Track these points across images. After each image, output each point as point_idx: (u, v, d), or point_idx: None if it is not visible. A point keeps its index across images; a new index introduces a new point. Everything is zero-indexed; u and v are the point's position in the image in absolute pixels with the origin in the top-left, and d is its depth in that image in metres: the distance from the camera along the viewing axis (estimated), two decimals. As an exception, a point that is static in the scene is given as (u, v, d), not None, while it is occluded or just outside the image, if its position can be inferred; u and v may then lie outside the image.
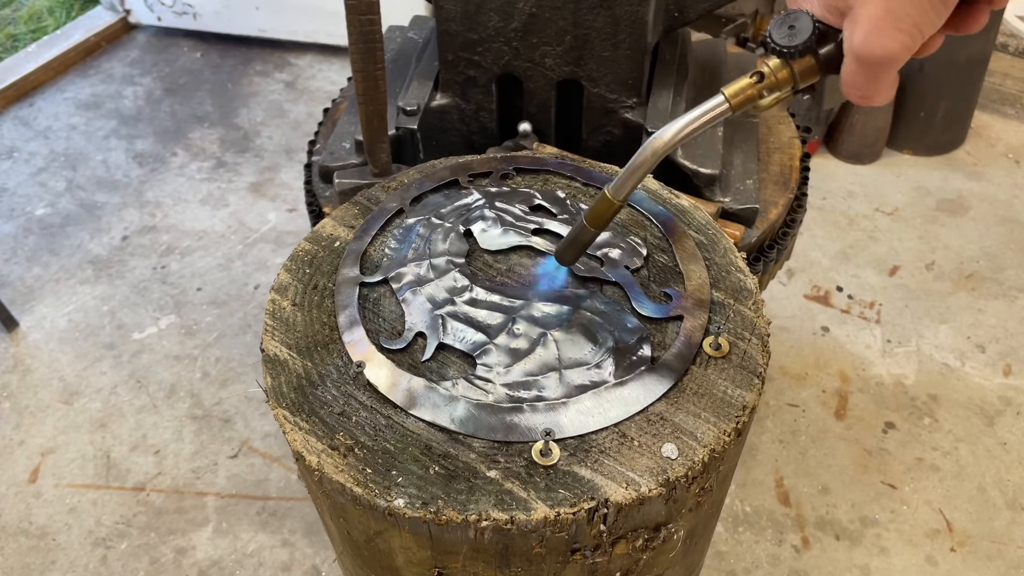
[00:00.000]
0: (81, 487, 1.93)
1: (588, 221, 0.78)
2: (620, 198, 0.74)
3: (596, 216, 0.77)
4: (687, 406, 0.78)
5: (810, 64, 0.64)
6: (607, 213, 0.77)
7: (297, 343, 0.85)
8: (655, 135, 0.69)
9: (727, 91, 0.67)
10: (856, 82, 0.62)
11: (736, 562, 1.77)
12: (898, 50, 0.58)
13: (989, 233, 2.57)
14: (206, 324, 2.30)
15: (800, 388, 2.12)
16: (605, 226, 0.78)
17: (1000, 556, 1.78)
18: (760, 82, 0.66)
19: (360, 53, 1.13)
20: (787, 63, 0.65)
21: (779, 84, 0.66)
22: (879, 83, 0.61)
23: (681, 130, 0.68)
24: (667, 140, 0.68)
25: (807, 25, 0.62)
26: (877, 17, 0.58)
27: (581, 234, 0.80)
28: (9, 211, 2.70)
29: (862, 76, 0.61)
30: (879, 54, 0.58)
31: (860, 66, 0.60)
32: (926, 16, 0.58)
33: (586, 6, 1.24)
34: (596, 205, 0.77)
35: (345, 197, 1.27)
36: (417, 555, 0.77)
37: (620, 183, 0.74)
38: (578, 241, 0.80)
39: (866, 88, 0.62)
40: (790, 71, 0.65)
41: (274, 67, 3.37)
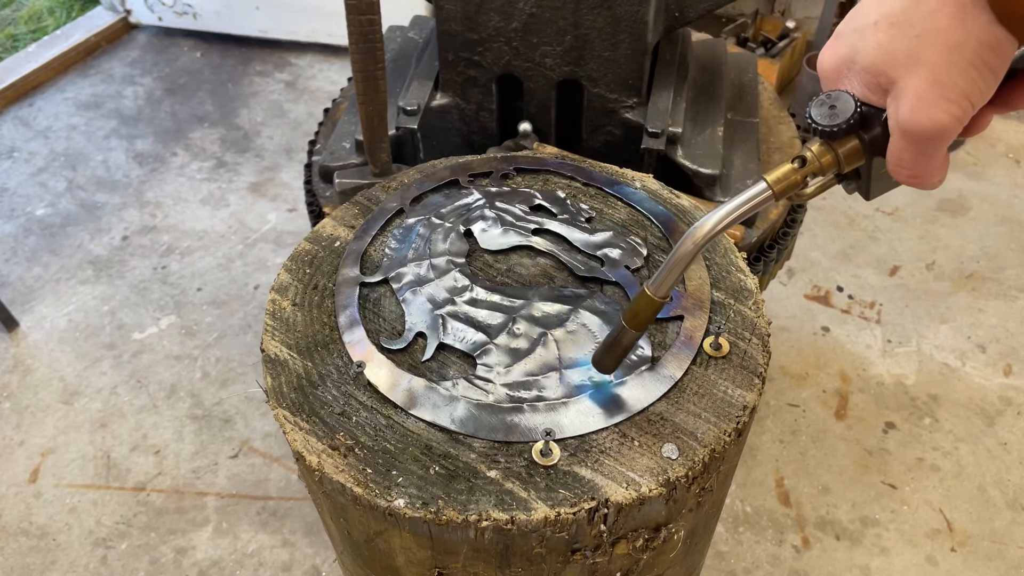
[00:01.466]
0: (81, 487, 1.93)
1: (627, 322, 0.71)
2: (661, 295, 0.68)
3: (635, 316, 0.70)
4: (687, 406, 0.78)
5: (854, 146, 0.61)
6: (648, 312, 0.70)
7: (297, 343, 0.85)
8: (695, 225, 0.64)
9: (769, 178, 0.63)
10: (904, 160, 0.58)
11: (736, 562, 1.77)
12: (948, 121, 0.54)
13: (989, 233, 2.57)
14: (206, 324, 2.30)
15: (800, 388, 2.12)
16: (646, 327, 0.71)
17: (1000, 556, 1.77)
18: (803, 167, 0.62)
19: (360, 53, 1.13)
20: (830, 146, 0.61)
21: (823, 168, 0.62)
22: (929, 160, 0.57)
23: (722, 220, 0.64)
24: (707, 231, 0.64)
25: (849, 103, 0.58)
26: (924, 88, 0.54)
27: (621, 336, 0.72)
28: (9, 211, 2.70)
29: (910, 153, 0.57)
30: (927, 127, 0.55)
31: (908, 142, 0.56)
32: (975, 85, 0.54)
33: (586, 6, 1.24)
34: (635, 304, 0.70)
35: (345, 197, 1.27)
36: (417, 555, 0.77)
37: (660, 280, 0.67)
38: (618, 345, 0.73)
39: (915, 166, 0.58)
40: (834, 154, 0.61)
41: (274, 67, 3.37)
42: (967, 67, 0.53)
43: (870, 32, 0.57)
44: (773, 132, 1.49)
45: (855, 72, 0.59)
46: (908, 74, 0.55)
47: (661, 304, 0.69)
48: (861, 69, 0.58)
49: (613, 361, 0.75)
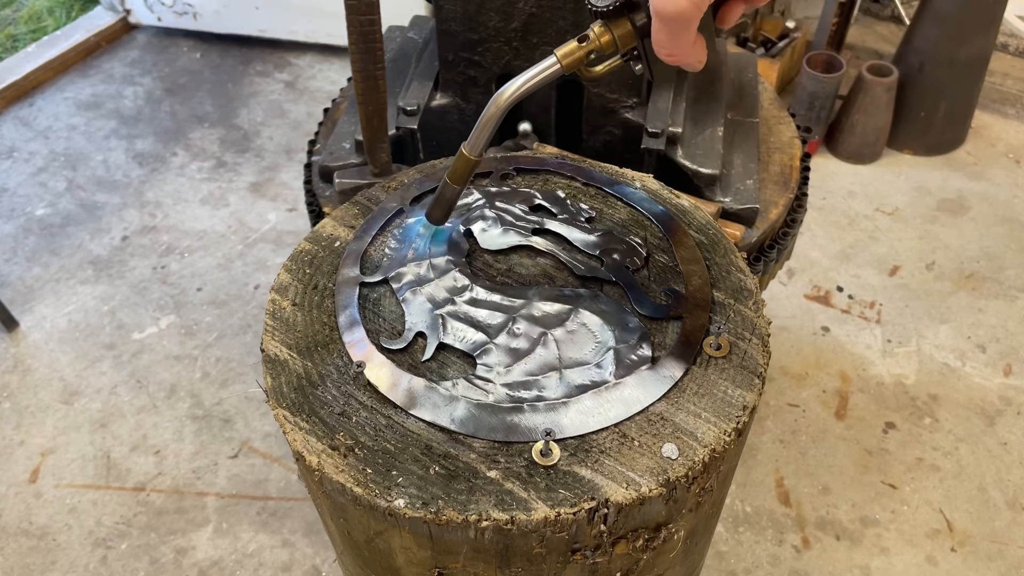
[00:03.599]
0: (81, 487, 1.93)
1: (449, 178, 0.83)
2: (476, 154, 0.80)
3: (455, 172, 0.83)
4: (687, 406, 0.78)
5: (627, 29, 0.71)
6: (465, 168, 0.82)
7: (297, 343, 0.85)
8: (499, 91, 0.76)
9: (558, 52, 0.73)
10: (660, 40, 0.67)
11: (736, 562, 1.77)
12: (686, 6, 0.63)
13: (989, 233, 2.57)
14: (206, 324, 2.30)
15: (800, 388, 2.12)
16: (465, 182, 0.84)
17: (1000, 556, 1.77)
18: (583, 43, 0.72)
19: (360, 53, 1.13)
20: (608, 27, 0.71)
21: (603, 47, 0.72)
22: (680, 40, 0.67)
23: (521, 86, 0.75)
24: (508, 95, 0.75)
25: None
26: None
27: (444, 190, 0.85)
28: (9, 211, 2.70)
29: (665, 34, 0.66)
30: (672, 11, 0.64)
31: (661, 24, 0.66)
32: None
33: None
34: (455, 162, 0.82)
35: (345, 197, 1.27)
36: (417, 555, 0.77)
37: (473, 140, 0.79)
38: (443, 197, 0.86)
39: (670, 46, 0.67)
40: (611, 35, 0.71)
41: (274, 67, 3.37)
42: None
43: None
44: (773, 132, 1.49)
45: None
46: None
47: (476, 163, 0.81)
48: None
49: (440, 212, 0.88)
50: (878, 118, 2.75)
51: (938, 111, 2.78)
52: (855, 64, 3.11)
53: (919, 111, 2.79)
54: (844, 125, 2.81)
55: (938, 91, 2.75)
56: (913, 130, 2.85)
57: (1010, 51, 3.20)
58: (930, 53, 2.69)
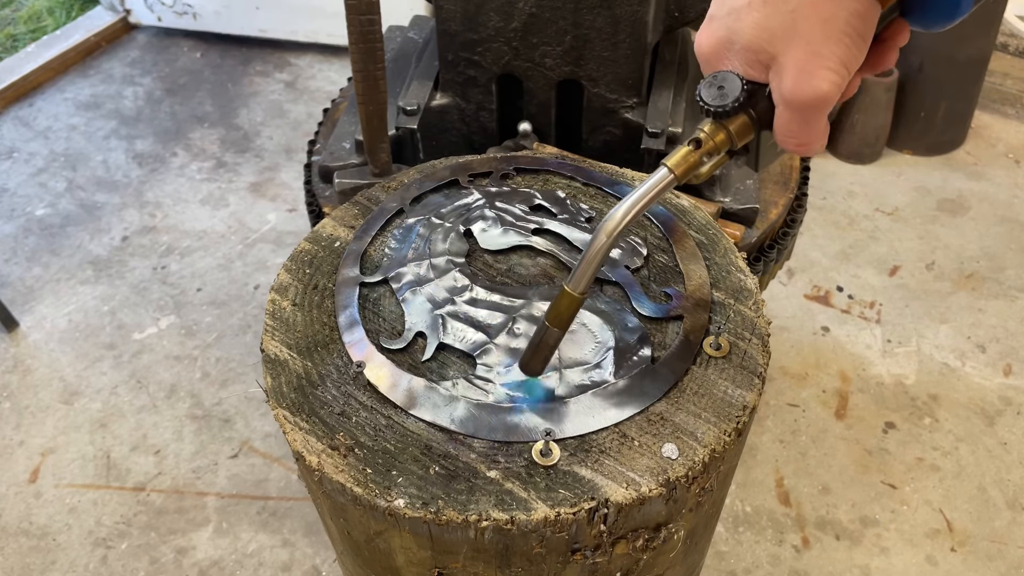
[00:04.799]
0: (81, 487, 1.93)
1: (551, 321, 0.72)
2: (580, 291, 0.70)
3: (559, 314, 0.72)
4: (687, 406, 0.78)
5: (744, 122, 0.64)
6: (569, 310, 0.71)
7: (297, 343, 0.85)
8: (606, 218, 0.67)
9: (669, 163, 0.66)
10: (791, 130, 0.62)
11: (736, 562, 1.77)
12: (828, 89, 0.58)
13: (989, 233, 2.57)
14: (206, 324, 2.30)
15: (800, 388, 2.12)
16: (568, 324, 0.73)
17: (1000, 556, 1.77)
18: (698, 148, 0.65)
19: (360, 53, 1.13)
20: (722, 125, 0.65)
21: (717, 147, 0.66)
22: (813, 127, 0.61)
23: (630, 209, 0.67)
24: (618, 221, 0.67)
25: (735, 82, 0.62)
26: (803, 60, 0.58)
27: (547, 337, 0.74)
28: (9, 211, 2.70)
29: (796, 123, 0.61)
30: (811, 96, 0.58)
31: (794, 112, 0.60)
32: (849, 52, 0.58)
33: (586, 6, 1.24)
34: (557, 303, 0.72)
35: (345, 197, 1.27)
36: (417, 555, 0.77)
37: (578, 276, 0.70)
38: (544, 345, 0.75)
39: (801, 135, 0.62)
40: (726, 132, 0.65)
41: (274, 67, 3.37)
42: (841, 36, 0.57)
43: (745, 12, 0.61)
44: (773, 132, 1.50)
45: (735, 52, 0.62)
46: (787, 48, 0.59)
47: (581, 300, 0.71)
48: (741, 48, 0.62)
49: (540, 363, 0.76)
50: (878, 118, 2.75)
51: (938, 111, 2.78)
52: (855, 64, 3.11)
53: (919, 111, 2.79)
54: (844, 125, 2.81)
55: (938, 91, 2.75)
56: (913, 130, 2.85)
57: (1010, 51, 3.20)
58: (930, 53, 2.69)
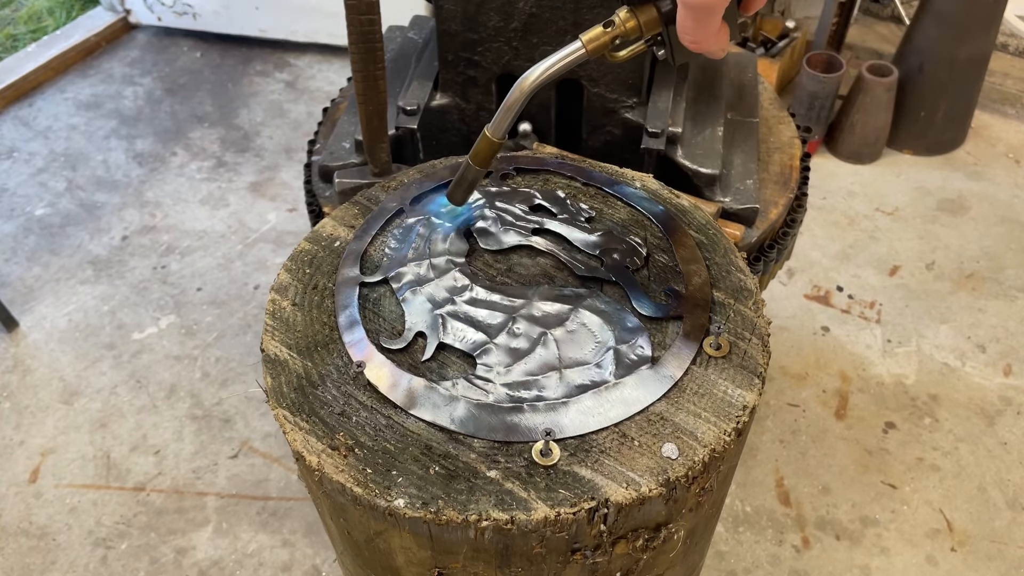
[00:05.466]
0: (81, 487, 1.93)
1: (472, 159, 0.84)
2: (498, 137, 0.80)
3: (477, 154, 0.83)
4: (687, 406, 0.78)
5: (653, 15, 0.72)
6: (487, 150, 0.82)
7: (297, 343, 0.85)
8: (523, 75, 0.75)
9: (583, 37, 0.74)
10: (686, 27, 0.69)
11: (736, 562, 1.77)
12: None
13: (989, 233, 2.57)
14: (206, 324, 2.30)
15: (800, 388, 2.12)
16: (487, 164, 0.84)
17: (1000, 556, 1.77)
18: (608, 28, 0.73)
19: (360, 53, 1.13)
20: (634, 14, 0.72)
21: (628, 33, 0.73)
22: (705, 28, 0.68)
23: (545, 71, 0.75)
24: (533, 79, 0.75)
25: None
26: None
27: (466, 172, 0.85)
28: (9, 211, 2.70)
29: (690, 21, 0.68)
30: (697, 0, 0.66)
31: (687, 11, 0.67)
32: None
33: (586, 6, 1.24)
34: (477, 144, 0.82)
35: (345, 197, 1.27)
36: (417, 555, 0.77)
37: (496, 122, 0.80)
38: (464, 179, 0.86)
39: (695, 33, 0.69)
40: (636, 21, 0.72)
41: (274, 67, 3.37)
42: None
43: None
44: (773, 132, 1.49)
45: None
46: None
47: (499, 145, 0.81)
48: None
49: (461, 194, 0.88)
50: (878, 118, 2.75)
51: (938, 111, 2.78)
52: (855, 64, 3.11)
53: (919, 111, 2.79)
54: (844, 125, 2.81)
55: (938, 91, 2.75)
56: (913, 130, 2.85)
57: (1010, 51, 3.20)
58: (930, 53, 2.69)
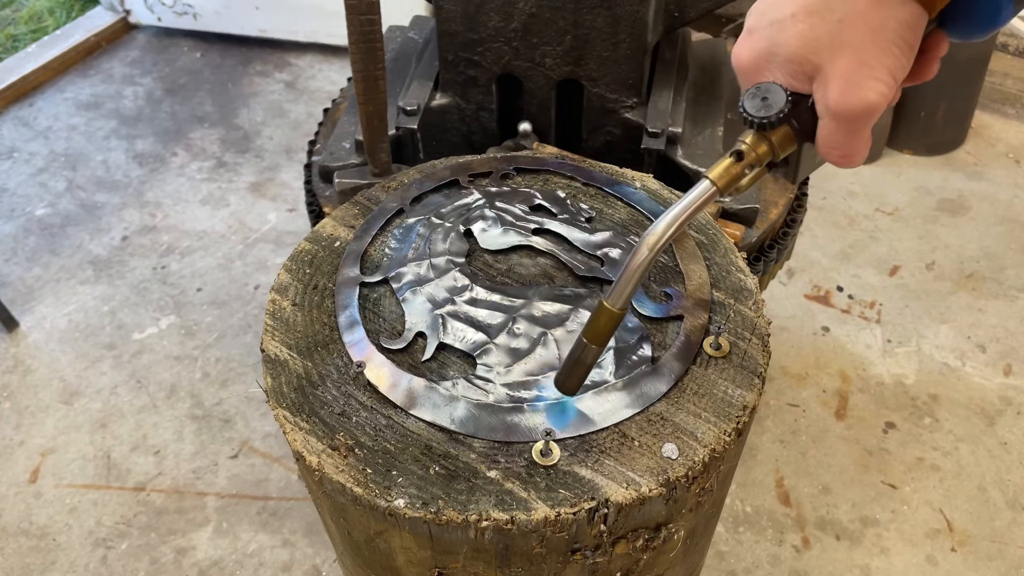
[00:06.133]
0: (81, 487, 1.93)
1: (589, 339, 0.69)
2: (620, 307, 0.67)
3: (597, 332, 0.69)
4: (687, 406, 0.78)
5: (787, 133, 0.63)
6: (609, 326, 0.68)
7: (297, 343, 0.85)
8: (647, 232, 0.65)
9: (711, 175, 0.65)
10: (836, 141, 0.60)
11: (736, 562, 1.77)
12: (877, 99, 0.57)
13: (989, 233, 2.57)
14: (206, 324, 2.30)
15: (800, 388, 2.12)
16: (607, 341, 0.70)
17: (1001, 556, 1.77)
18: (741, 160, 0.64)
19: (360, 53, 1.13)
20: (764, 136, 0.63)
21: (759, 159, 0.64)
22: (858, 138, 0.60)
23: (672, 223, 0.65)
24: (660, 235, 0.65)
25: (780, 94, 0.61)
26: (851, 71, 0.57)
27: (584, 355, 0.70)
28: (9, 211, 2.70)
29: (841, 134, 0.60)
30: (859, 107, 0.57)
31: (839, 124, 0.59)
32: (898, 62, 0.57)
33: (586, 6, 1.24)
34: (595, 319, 0.68)
35: (345, 197, 1.27)
36: (417, 555, 0.77)
37: (618, 291, 0.67)
38: (581, 363, 0.71)
39: (845, 146, 0.60)
40: (768, 144, 0.63)
41: (274, 67, 3.37)
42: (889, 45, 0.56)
43: (789, 23, 0.59)
44: (773, 132, 1.49)
45: (777, 64, 0.61)
46: (834, 59, 0.57)
47: (621, 316, 0.68)
48: (784, 60, 0.60)
49: (577, 381, 0.73)
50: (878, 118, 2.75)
51: (938, 111, 2.78)
52: (855, 64, 3.11)
53: (919, 111, 2.79)
54: (844, 125, 2.81)
55: (938, 91, 2.75)
56: (913, 130, 2.85)
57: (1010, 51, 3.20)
58: (930, 53, 2.69)
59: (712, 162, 1.30)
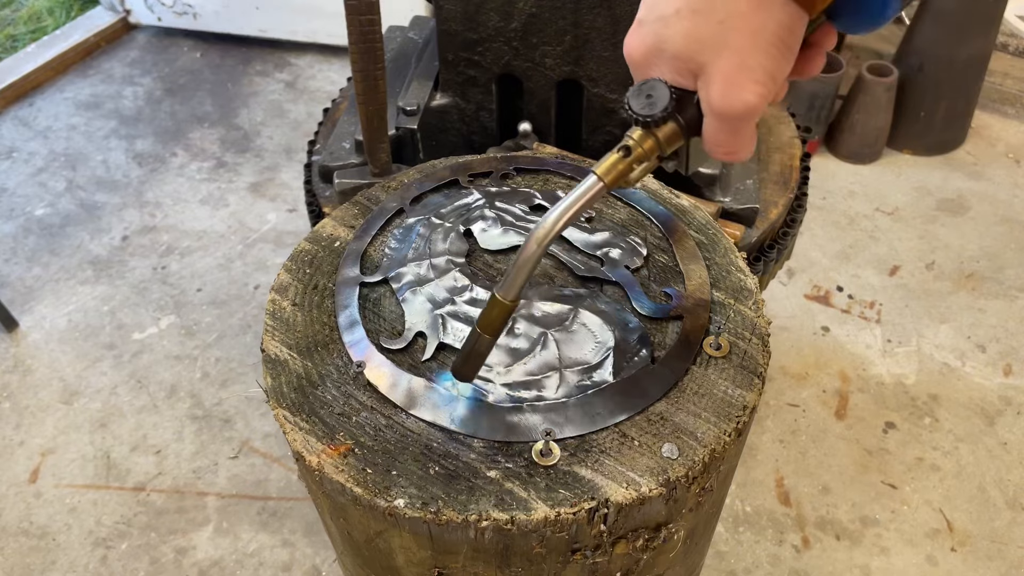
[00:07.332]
0: (81, 487, 1.93)
1: (482, 328, 0.71)
2: (511, 299, 0.69)
3: (490, 322, 0.70)
4: (687, 406, 0.78)
5: (673, 129, 0.63)
6: (501, 317, 0.70)
7: (297, 343, 0.85)
8: (536, 225, 0.66)
9: (598, 170, 0.65)
10: (719, 139, 0.61)
11: (736, 562, 1.77)
12: (756, 102, 0.57)
13: (989, 233, 2.57)
14: (206, 324, 2.30)
15: (800, 388, 2.12)
16: (500, 332, 0.72)
17: (1000, 556, 1.77)
18: (628, 156, 0.64)
19: (360, 53, 1.13)
20: (651, 132, 0.63)
21: (646, 154, 0.64)
22: (741, 136, 0.60)
23: (560, 218, 0.66)
24: (547, 230, 0.66)
25: (663, 92, 0.61)
26: (732, 72, 0.57)
27: (478, 344, 0.72)
28: (9, 211, 2.70)
29: (724, 133, 0.60)
30: (739, 108, 0.58)
31: (722, 123, 0.59)
32: (777, 64, 0.57)
33: (586, 6, 1.24)
34: (488, 310, 0.70)
35: (345, 197, 1.27)
36: (417, 555, 0.77)
37: (508, 283, 0.68)
38: (476, 353, 0.73)
39: (729, 144, 0.61)
40: (655, 139, 0.64)
41: (274, 67, 3.37)
42: (768, 47, 0.56)
43: (674, 20, 0.59)
44: (773, 132, 1.49)
45: (664, 59, 0.61)
46: (716, 59, 0.58)
47: (512, 307, 0.69)
48: (670, 56, 0.60)
49: (472, 369, 0.74)
50: (878, 118, 2.75)
51: (938, 111, 2.78)
52: (855, 64, 3.11)
53: (919, 111, 2.79)
54: (844, 125, 2.81)
55: (938, 91, 2.75)
56: (913, 130, 2.85)
57: (1010, 51, 3.20)
58: (930, 53, 2.69)
59: (712, 162, 1.30)
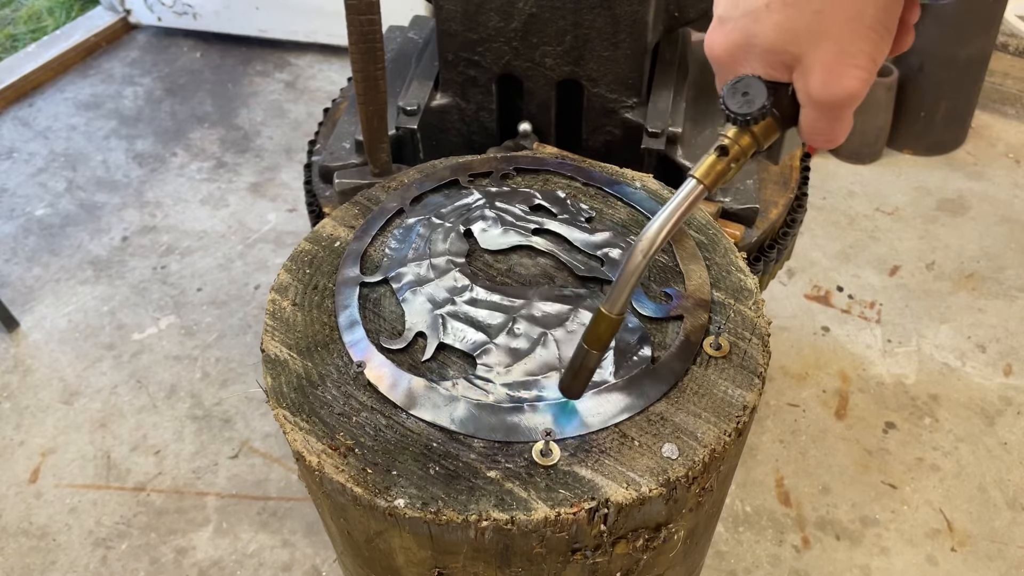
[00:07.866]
0: (81, 487, 1.93)
1: (589, 344, 0.70)
2: (617, 312, 0.67)
3: (598, 337, 0.69)
4: (687, 406, 0.78)
5: (769, 124, 0.62)
6: (608, 331, 0.69)
7: (297, 343, 0.85)
8: (640, 237, 0.65)
9: (697, 173, 0.64)
10: (819, 128, 0.60)
11: (737, 562, 1.77)
12: (858, 87, 0.57)
13: (989, 233, 2.57)
14: (206, 324, 2.30)
15: (800, 388, 2.12)
16: (607, 346, 0.70)
17: (1001, 556, 1.77)
18: (725, 155, 0.63)
19: (360, 53, 1.13)
20: (748, 129, 0.63)
21: (744, 152, 0.64)
22: (842, 123, 0.60)
23: (663, 226, 0.64)
24: (651, 240, 0.64)
25: (760, 88, 0.60)
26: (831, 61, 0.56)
27: (586, 360, 0.71)
28: (9, 211, 2.70)
29: (825, 121, 0.60)
30: (842, 95, 0.57)
31: (822, 112, 0.59)
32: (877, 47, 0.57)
33: (586, 6, 1.24)
34: (594, 325, 0.69)
35: (345, 197, 1.27)
36: (417, 555, 0.77)
37: (614, 297, 0.67)
38: (584, 368, 0.72)
39: (830, 131, 0.61)
40: (751, 136, 0.63)
41: (274, 67, 3.37)
42: (868, 32, 0.56)
43: (764, 14, 0.58)
44: (773, 132, 1.49)
45: (755, 54, 0.60)
46: (813, 49, 0.57)
47: (619, 322, 0.68)
48: (762, 51, 0.60)
49: (581, 386, 0.73)
50: (878, 118, 2.75)
51: (938, 111, 2.78)
52: (855, 64, 3.11)
53: (919, 111, 2.79)
54: (844, 125, 2.81)
55: (938, 91, 2.75)
56: (913, 130, 2.85)
57: (1010, 51, 3.20)
58: (930, 53, 2.69)
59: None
